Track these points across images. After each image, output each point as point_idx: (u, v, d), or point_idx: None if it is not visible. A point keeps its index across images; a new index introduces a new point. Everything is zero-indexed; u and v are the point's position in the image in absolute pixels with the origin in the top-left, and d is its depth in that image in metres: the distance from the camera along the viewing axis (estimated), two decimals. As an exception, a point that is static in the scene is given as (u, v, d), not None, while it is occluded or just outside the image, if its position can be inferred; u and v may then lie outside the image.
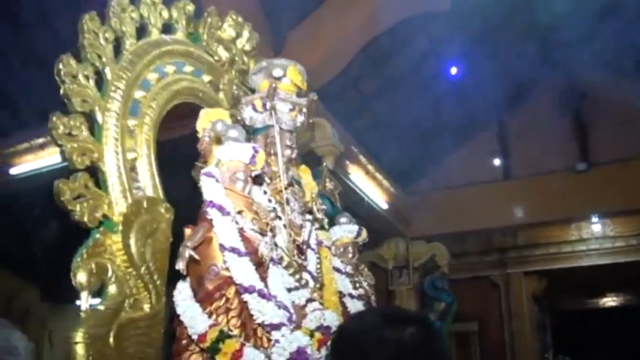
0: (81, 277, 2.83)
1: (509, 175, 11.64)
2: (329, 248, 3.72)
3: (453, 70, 10.22)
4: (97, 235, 2.96)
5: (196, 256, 2.63)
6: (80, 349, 2.69)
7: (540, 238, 11.67)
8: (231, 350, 2.42)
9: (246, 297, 2.54)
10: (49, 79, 3.04)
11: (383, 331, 1.81)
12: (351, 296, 3.64)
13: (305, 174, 3.80)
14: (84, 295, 2.84)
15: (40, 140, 8.43)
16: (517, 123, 11.60)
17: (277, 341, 2.49)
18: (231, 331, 2.53)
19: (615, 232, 11.21)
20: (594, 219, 11.24)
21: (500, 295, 12.03)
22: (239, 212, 2.74)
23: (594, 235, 11.36)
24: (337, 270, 3.69)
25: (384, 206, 10.44)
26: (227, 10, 7.02)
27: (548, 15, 8.54)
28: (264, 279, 2.69)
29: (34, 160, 8.60)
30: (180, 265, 2.60)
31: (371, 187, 9.99)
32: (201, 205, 2.82)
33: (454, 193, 11.36)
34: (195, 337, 2.51)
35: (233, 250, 2.59)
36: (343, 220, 4.03)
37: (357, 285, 3.79)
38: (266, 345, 2.54)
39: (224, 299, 2.59)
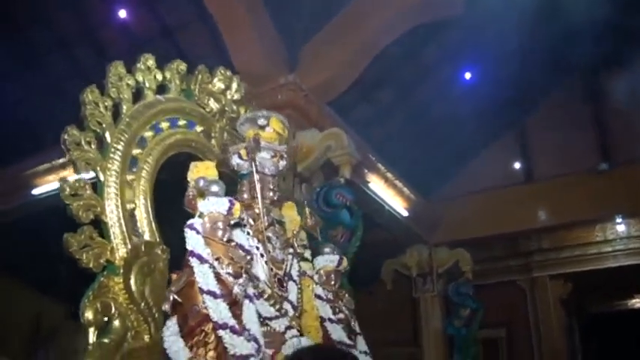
0: (88, 315, 3.53)
1: (531, 178, 11.87)
2: (311, 277, 4.36)
3: (467, 75, 10.59)
4: (102, 279, 3.65)
5: (179, 299, 3.29)
6: (89, 379, 3.38)
7: (565, 241, 11.85)
8: (204, 379, 3.07)
9: (220, 332, 3.16)
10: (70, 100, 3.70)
11: None
12: (331, 321, 4.24)
13: (290, 210, 4.44)
14: (91, 330, 3.54)
15: (61, 160, 9.06)
16: (537, 125, 11.88)
17: (243, 370, 3.13)
18: (208, 362, 3.18)
19: (641, 232, 11.28)
20: (618, 219, 11.37)
21: (526, 299, 12.25)
22: (217, 259, 3.38)
23: (619, 236, 11.48)
24: (319, 297, 4.30)
25: (405, 214, 10.82)
26: (243, 32, 7.60)
27: (564, 13, 8.77)
28: (238, 315, 3.33)
29: (56, 180, 9.05)
30: (166, 307, 3.28)
31: (391, 195, 10.37)
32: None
33: (476, 198, 11.61)
34: (176, 368, 3.17)
35: (209, 292, 3.21)
36: (327, 250, 4.61)
37: (337, 310, 4.38)
38: (239, 374, 3.17)
39: (203, 334, 3.22)
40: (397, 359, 11.03)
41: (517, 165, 12.14)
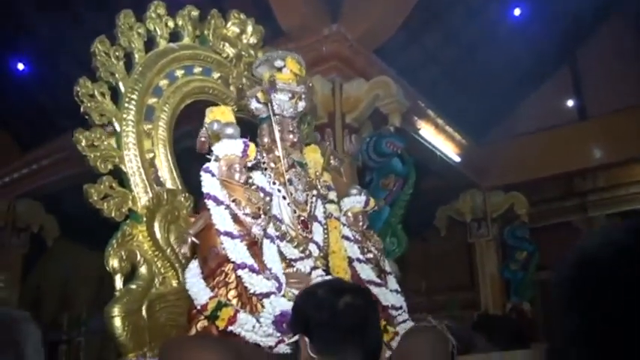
0: (113, 263, 3.57)
1: (585, 116, 11.53)
2: (338, 219, 4.32)
3: (517, 11, 10.29)
4: (125, 227, 3.68)
5: (197, 241, 3.29)
6: (117, 322, 3.40)
7: (621, 178, 11.59)
8: (227, 316, 3.04)
9: (239, 272, 3.17)
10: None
11: (322, 300, 2.51)
12: (360, 260, 4.19)
13: (313, 152, 4.38)
14: (117, 277, 3.58)
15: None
16: (589, 60, 11.44)
17: (264, 307, 3.13)
18: (230, 300, 3.16)
19: (700, 166, 10.89)
20: (676, 155, 10.89)
21: (583, 239, 11.87)
22: (233, 200, 3.37)
23: (678, 171, 11.04)
24: (346, 238, 4.25)
25: (457, 159, 10.71)
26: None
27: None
28: (258, 255, 3.32)
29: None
30: (183, 250, 3.31)
31: (442, 141, 10.25)
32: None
33: (528, 139, 11.39)
34: (199, 307, 3.17)
35: (227, 233, 3.21)
36: (354, 191, 4.54)
37: (366, 250, 4.32)
38: (261, 311, 3.17)
39: (223, 275, 3.23)
40: (454, 304, 11.01)
41: (570, 102, 11.81)
